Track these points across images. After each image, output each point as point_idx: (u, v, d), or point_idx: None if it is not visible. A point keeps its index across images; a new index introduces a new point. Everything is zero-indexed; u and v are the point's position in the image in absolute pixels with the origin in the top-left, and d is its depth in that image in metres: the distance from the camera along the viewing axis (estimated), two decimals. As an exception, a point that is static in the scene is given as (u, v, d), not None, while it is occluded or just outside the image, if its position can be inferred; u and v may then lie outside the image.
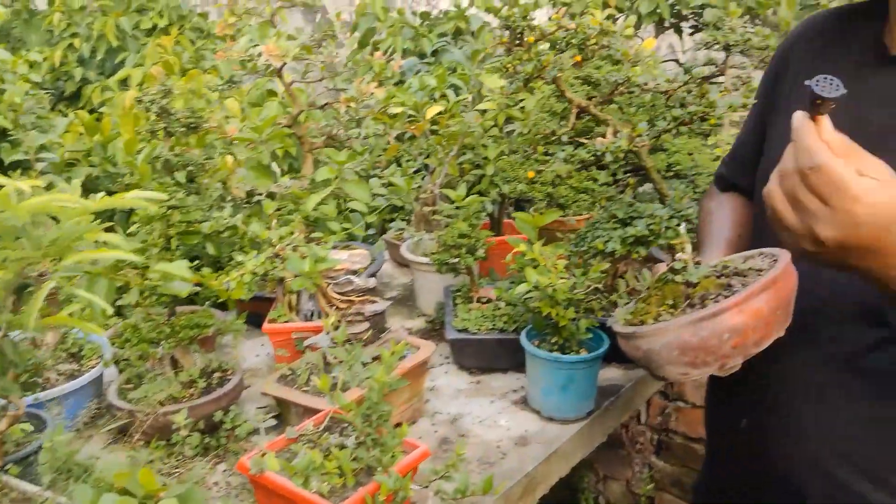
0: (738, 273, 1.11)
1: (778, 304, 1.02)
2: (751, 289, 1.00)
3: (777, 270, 1.03)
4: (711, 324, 0.99)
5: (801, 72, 1.25)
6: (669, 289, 1.12)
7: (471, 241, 1.91)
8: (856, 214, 0.81)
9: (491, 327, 1.89)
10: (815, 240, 0.84)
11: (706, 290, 1.08)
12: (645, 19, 3.38)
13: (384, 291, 2.45)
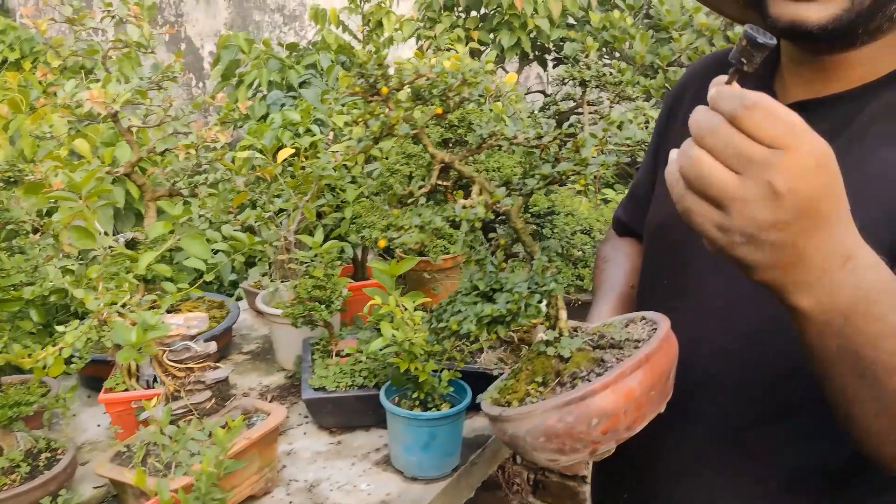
0: (614, 345, 1.03)
1: (653, 383, 0.94)
2: (622, 367, 0.92)
3: (652, 345, 0.95)
4: (578, 408, 0.91)
5: None
6: (540, 363, 1.04)
7: (326, 293, 1.80)
8: (811, 152, 0.64)
9: (350, 384, 1.79)
10: (772, 197, 0.64)
11: (578, 366, 1.00)
12: (507, 52, 3.38)
13: (242, 344, 2.31)
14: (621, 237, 1.43)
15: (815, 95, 0.99)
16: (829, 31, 0.89)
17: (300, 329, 2.00)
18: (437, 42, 3.14)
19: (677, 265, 1.10)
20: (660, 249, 1.17)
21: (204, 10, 6.03)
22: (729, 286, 1.02)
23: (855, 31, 0.91)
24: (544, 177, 1.02)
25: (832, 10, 0.88)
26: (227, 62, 4.56)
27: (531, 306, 0.97)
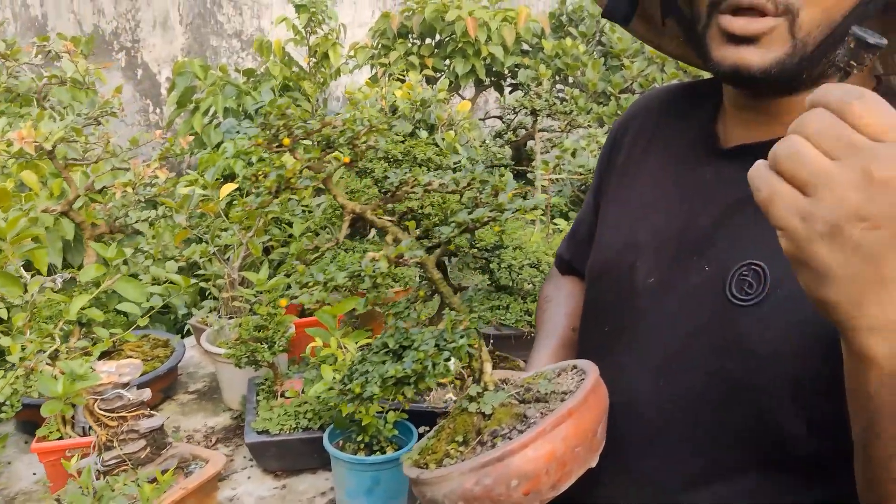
0: (540, 398, 0.98)
1: (578, 439, 0.89)
2: (543, 424, 0.87)
3: (577, 399, 0.90)
4: (496, 469, 0.85)
5: (635, 151, 1.17)
6: (462, 421, 0.98)
7: (269, 334, 1.76)
8: None
9: (294, 426, 1.74)
10: (867, 184, 0.57)
11: (499, 423, 0.94)
12: (462, 79, 3.37)
13: (188, 383, 2.25)
14: (564, 275, 1.39)
15: (758, 139, 0.97)
16: (772, 75, 0.87)
17: (245, 369, 1.95)
18: (392, 69, 3.12)
19: (618, 314, 1.06)
20: (601, 296, 1.12)
21: (161, 35, 5.96)
22: (668, 340, 0.98)
23: (799, 77, 0.89)
24: (459, 224, 0.99)
25: (774, 54, 0.86)
26: (183, 89, 4.51)
27: (438, 365, 0.92)
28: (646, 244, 1.04)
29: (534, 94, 2.52)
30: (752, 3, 0.84)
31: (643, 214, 1.07)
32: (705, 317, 0.93)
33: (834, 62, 0.88)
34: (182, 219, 1.88)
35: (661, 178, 1.08)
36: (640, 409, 0.99)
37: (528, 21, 3.37)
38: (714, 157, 1.02)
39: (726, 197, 0.97)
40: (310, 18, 3.11)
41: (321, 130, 1.10)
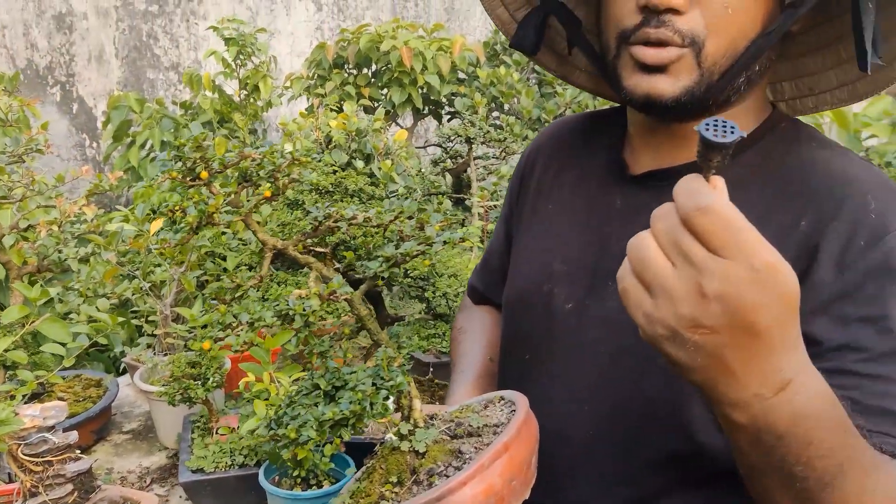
0: (472, 433, 0.96)
1: (514, 472, 0.88)
2: (480, 460, 0.85)
3: (510, 432, 0.89)
4: None
5: (545, 179, 1.19)
6: (395, 460, 0.95)
7: (202, 370, 1.73)
8: (755, 268, 0.60)
9: (230, 463, 1.72)
10: (699, 298, 0.62)
11: (434, 460, 0.93)
12: (399, 108, 3.40)
13: (123, 423, 2.20)
14: (477, 305, 1.40)
15: (665, 165, 1.00)
16: (682, 102, 0.90)
17: (180, 407, 1.92)
18: (327, 100, 3.12)
19: (538, 342, 1.07)
20: (520, 325, 1.13)
21: (96, 69, 5.88)
22: (590, 365, 0.99)
23: (706, 103, 0.92)
24: (387, 259, 0.98)
25: (683, 82, 0.89)
26: (119, 122, 4.45)
27: (377, 404, 0.91)
28: (561, 272, 1.06)
29: (468, 123, 2.55)
30: (660, 37, 0.88)
31: (557, 243, 1.09)
32: (624, 339, 0.94)
33: (736, 87, 0.92)
34: (111, 255, 1.84)
35: (573, 207, 1.10)
36: (566, 435, 1.00)
37: (462, 50, 3.42)
38: (623, 185, 1.04)
39: (637, 222, 0.99)
40: (239, 51, 3.11)
41: (239, 163, 1.09)
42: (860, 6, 0.84)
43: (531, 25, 1.07)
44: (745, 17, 0.88)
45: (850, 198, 0.87)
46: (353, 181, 1.87)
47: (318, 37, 5.80)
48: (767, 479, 0.73)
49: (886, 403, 0.80)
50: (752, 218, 0.82)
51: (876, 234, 0.85)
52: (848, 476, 0.71)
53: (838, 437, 0.70)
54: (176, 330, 1.85)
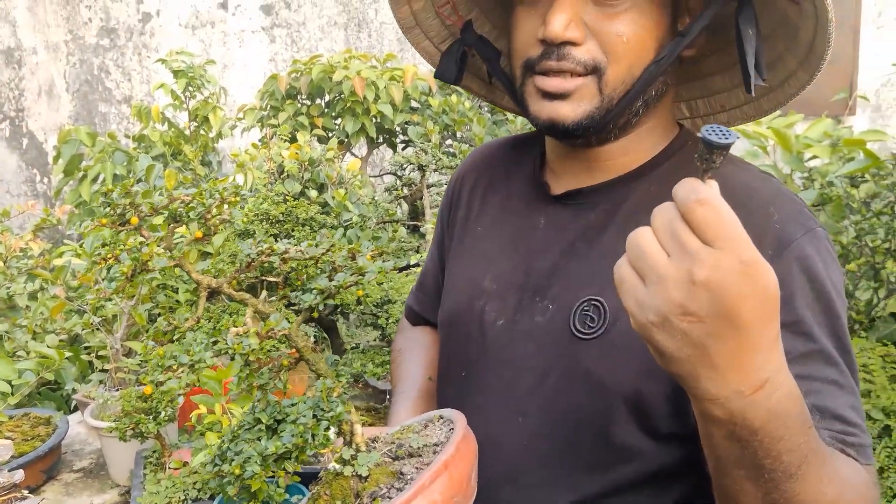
0: (413, 453, 0.98)
1: (455, 489, 0.90)
2: (421, 480, 0.87)
3: (449, 451, 0.91)
4: None
5: (473, 204, 1.23)
6: (338, 486, 0.95)
7: (152, 404, 1.71)
8: (744, 261, 0.65)
9: (183, 498, 1.69)
10: (689, 284, 0.65)
11: (377, 483, 0.93)
12: (353, 138, 3.42)
13: (73, 461, 2.16)
14: (415, 325, 1.43)
15: (582, 185, 1.07)
16: (583, 126, 0.97)
17: (132, 442, 1.89)
18: (281, 131, 3.13)
19: (472, 359, 1.11)
20: (453, 342, 1.17)
21: (46, 103, 5.82)
22: (522, 379, 1.03)
23: (607, 127, 0.99)
24: (321, 291, 0.99)
25: (584, 107, 0.96)
26: (70, 157, 4.39)
27: (318, 436, 0.90)
28: (491, 290, 1.11)
29: (420, 150, 2.58)
30: (562, 67, 0.94)
31: (487, 262, 1.13)
32: (554, 353, 0.99)
33: (635, 111, 0.99)
34: (60, 290, 1.82)
35: (500, 228, 1.16)
36: (504, 446, 1.03)
37: (415, 79, 3.45)
38: (546, 205, 1.10)
39: (560, 240, 1.05)
40: (188, 83, 3.11)
41: (168, 206, 1.07)
42: (741, 34, 0.92)
43: (452, 58, 1.13)
44: (640, 45, 0.95)
45: (754, 210, 0.92)
46: (303, 210, 1.88)
47: (271, 68, 5.82)
48: (737, 470, 0.77)
49: (811, 400, 0.85)
50: None
51: (781, 243, 0.91)
52: (810, 466, 0.76)
53: (804, 432, 0.75)
54: (127, 364, 1.83)
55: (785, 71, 1.01)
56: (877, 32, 5.25)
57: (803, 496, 0.76)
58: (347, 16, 5.83)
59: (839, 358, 0.90)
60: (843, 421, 0.87)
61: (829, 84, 5.07)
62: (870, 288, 2.92)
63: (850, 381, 0.90)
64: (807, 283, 0.91)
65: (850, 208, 2.93)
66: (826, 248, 0.94)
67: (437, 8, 1.15)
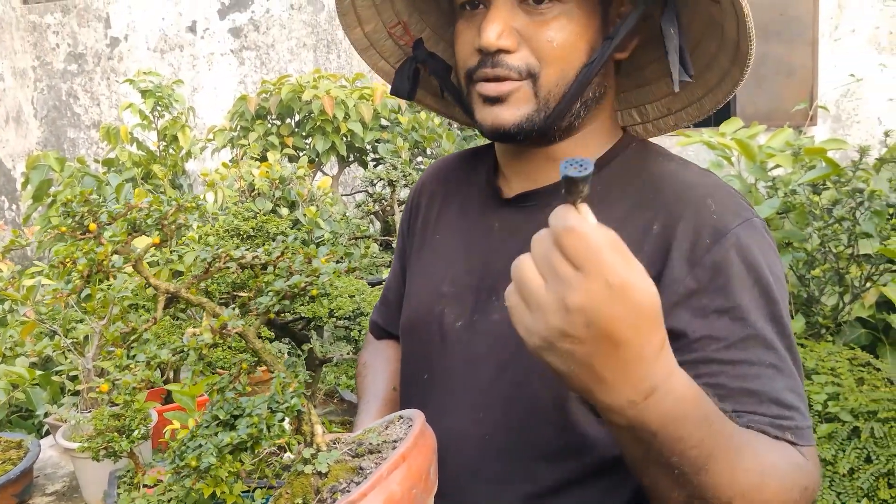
0: (373, 450, 1.00)
1: (414, 481, 0.92)
2: (379, 472, 0.90)
3: (407, 443, 0.93)
4: None
5: (431, 214, 1.28)
6: (300, 484, 0.98)
7: (124, 422, 1.70)
8: (611, 284, 0.67)
9: (158, 515, 1.68)
10: (564, 310, 0.69)
11: (336, 479, 0.96)
12: (323, 156, 3.44)
13: (46, 485, 2.13)
14: (380, 340, 1.46)
15: (533, 187, 1.11)
16: (524, 129, 1.02)
17: (105, 463, 1.87)
18: (251, 150, 3.14)
19: (433, 361, 1.15)
20: (415, 346, 1.21)
21: (14, 129, 5.78)
22: (481, 376, 1.07)
23: (550, 130, 1.04)
24: (277, 293, 1.01)
25: (523, 111, 1.01)
26: (38, 182, 4.37)
27: (274, 426, 0.93)
28: (450, 293, 1.15)
29: (390, 166, 2.60)
30: (498, 74, 1.00)
31: (445, 268, 1.18)
32: (511, 348, 1.03)
33: (576, 114, 1.05)
34: (29, 311, 1.81)
35: (456, 234, 1.20)
36: (465, 441, 1.06)
37: (384, 98, 3.49)
38: (499, 208, 1.15)
39: (515, 241, 1.10)
40: (156, 103, 3.12)
41: (126, 214, 1.09)
42: (664, 34, 0.98)
43: (405, 74, 1.18)
44: (571, 49, 1.00)
45: (692, 202, 0.98)
46: (274, 225, 1.89)
47: (241, 90, 5.84)
48: (650, 468, 0.82)
49: (748, 384, 0.91)
50: (613, 225, 0.94)
51: (718, 232, 0.95)
52: (718, 459, 0.79)
53: (705, 429, 0.78)
54: (98, 384, 1.82)
55: (720, 70, 1.06)
56: (834, 45, 5.38)
57: (718, 488, 0.80)
58: (316, 37, 5.86)
59: (778, 342, 0.94)
60: (780, 404, 0.91)
61: (789, 96, 5.18)
62: (835, 293, 2.97)
63: (788, 365, 0.94)
64: (744, 269, 0.94)
65: (814, 215, 2.99)
66: (763, 236, 0.99)
67: (388, 29, 1.20)
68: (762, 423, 0.89)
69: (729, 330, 0.92)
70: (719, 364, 0.92)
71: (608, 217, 1.03)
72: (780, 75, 5.52)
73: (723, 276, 0.94)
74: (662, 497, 0.84)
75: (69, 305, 1.90)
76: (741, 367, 0.92)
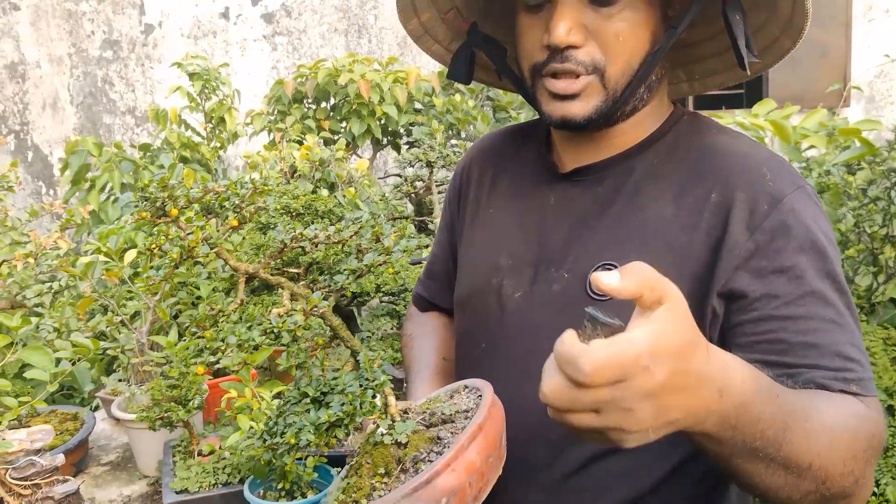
0: (446, 419, 1.04)
1: (489, 450, 0.96)
2: (459, 443, 0.93)
3: (482, 414, 0.97)
4: (427, 492, 0.89)
5: (482, 188, 1.31)
6: (379, 454, 1.02)
7: (181, 392, 1.77)
8: (651, 364, 0.69)
9: (214, 482, 1.75)
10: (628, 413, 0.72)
11: (417, 448, 0.99)
12: (359, 139, 3.48)
13: (101, 456, 2.21)
14: (424, 312, 1.49)
15: (589, 162, 1.15)
16: (593, 120, 1.06)
17: (160, 433, 1.94)
18: (288, 134, 3.19)
19: (491, 332, 1.17)
20: (473, 319, 1.23)
21: (51, 116, 5.88)
22: (541, 346, 1.09)
23: (615, 115, 1.08)
24: (353, 271, 1.04)
25: (593, 103, 1.05)
26: (77, 167, 4.45)
27: (366, 402, 0.96)
28: (507, 266, 1.18)
29: (428, 147, 2.64)
30: (566, 69, 1.03)
31: (501, 243, 1.21)
32: (573, 317, 1.05)
33: (640, 97, 1.08)
34: (86, 286, 1.88)
35: (510, 208, 1.23)
36: (524, 408, 1.09)
37: (418, 81, 3.52)
38: (555, 183, 1.18)
39: (572, 213, 1.13)
40: (203, 85, 3.17)
41: (203, 198, 1.11)
42: (730, 21, 1.01)
43: (461, 60, 1.22)
44: (636, 41, 1.04)
45: (749, 171, 1.03)
46: (322, 203, 1.94)
47: (273, 76, 5.89)
48: (734, 460, 0.84)
49: (809, 338, 0.94)
50: (669, 197, 1.00)
51: (775, 199, 1.00)
52: (793, 429, 0.82)
53: (773, 403, 0.82)
54: (153, 358, 1.89)
55: (769, 37, 1.10)
56: (868, 26, 5.33)
57: (799, 456, 0.83)
58: (348, 22, 5.90)
59: (836, 298, 0.98)
60: (842, 357, 0.94)
61: (822, 77, 5.14)
62: (869, 273, 2.97)
63: (847, 321, 0.98)
64: (800, 233, 0.98)
65: (848, 195, 2.98)
66: (815, 202, 1.03)
67: (442, 15, 1.23)
68: (826, 378, 0.93)
69: (787, 288, 0.96)
70: (780, 321, 0.95)
71: (662, 190, 1.07)
72: (814, 56, 5.49)
73: (780, 240, 0.98)
74: (756, 485, 0.87)
75: (124, 282, 1.96)
76: (801, 322, 0.95)
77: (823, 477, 0.85)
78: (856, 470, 0.87)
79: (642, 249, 1.04)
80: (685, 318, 0.73)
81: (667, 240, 1.03)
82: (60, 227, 1.90)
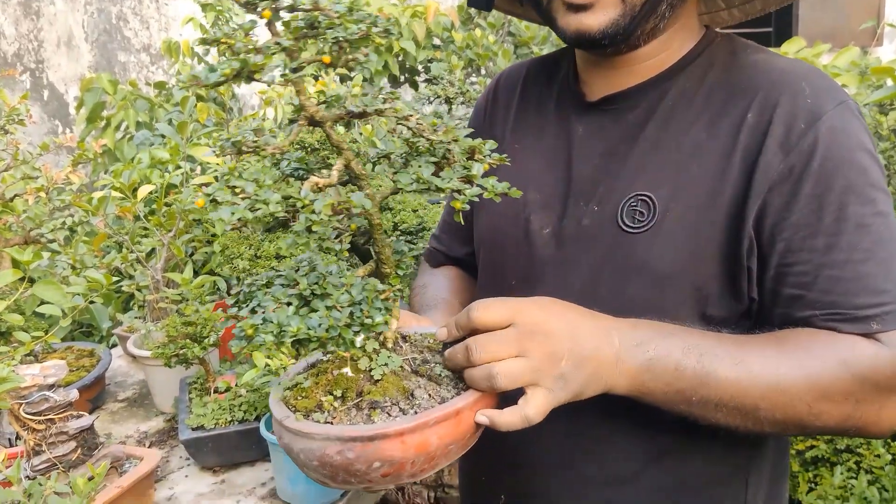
0: (433, 378, 0.92)
1: (456, 438, 0.86)
2: (426, 418, 0.83)
3: (467, 399, 0.86)
4: (363, 448, 0.81)
5: (508, 123, 1.26)
6: (343, 377, 0.90)
7: (196, 329, 1.75)
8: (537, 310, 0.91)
9: (230, 419, 1.74)
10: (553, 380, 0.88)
11: (384, 394, 0.87)
12: (376, 76, 3.40)
13: (117, 392, 2.21)
14: (437, 268, 1.44)
15: (617, 89, 1.10)
16: (609, 34, 1.00)
17: (176, 370, 1.93)
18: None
19: (520, 267, 1.14)
20: (499, 254, 1.19)
21: (66, 54, 5.81)
22: (574, 279, 1.06)
23: (634, 33, 1.02)
24: (419, 179, 0.88)
25: (609, 15, 0.99)
26: (92, 105, 4.41)
27: (346, 340, 0.82)
28: (535, 200, 1.14)
29: (447, 83, 2.57)
30: None
31: (529, 175, 1.16)
32: (604, 249, 1.02)
33: (661, 14, 1.02)
34: (100, 222, 1.85)
35: (538, 140, 1.19)
36: None
37: (437, 15, 3.42)
38: (582, 112, 1.14)
39: (601, 144, 1.08)
40: (217, 16, 3.10)
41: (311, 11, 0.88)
42: None
43: None
44: None
45: (788, 86, 0.97)
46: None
47: (289, 13, 5.77)
48: (679, 407, 0.93)
49: (835, 272, 0.92)
50: (705, 120, 0.99)
51: (814, 115, 0.95)
52: (767, 400, 0.90)
53: (691, 356, 0.91)
54: (168, 295, 1.87)
55: None
56: (905, -39, 5.12)
57: (743, 399, 0.90)
58: (364, -43, 5.75)
59: (872, 220, 0.93)
60: (868, 291, 0.91)
61: (854, 14, 4.97)
62: (900, 214, 2.90)
63: (882, 246, 0.92)
64: (837, 153, 0.93)
65: (880, 136, 2.90)
66: (857, 117, 0.97)
67: None
68: (836, 320, 0.91)
69: (819, 216, 0.92)
70: (808, 252, 0.92)
71: (701, 113, 1.01)
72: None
73: (816, 161, 0.93)
74: (721, 426, 0.95)
75: (138, 219, 1.93)
76: (830, 253, 0.92)
77: (781, 418, 0.90)
78: (833, 410, 0.89)
79: (678, 177, 0.99)
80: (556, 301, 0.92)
81: (703, 165, 0.99)
82: (73, 162, 1.86)
